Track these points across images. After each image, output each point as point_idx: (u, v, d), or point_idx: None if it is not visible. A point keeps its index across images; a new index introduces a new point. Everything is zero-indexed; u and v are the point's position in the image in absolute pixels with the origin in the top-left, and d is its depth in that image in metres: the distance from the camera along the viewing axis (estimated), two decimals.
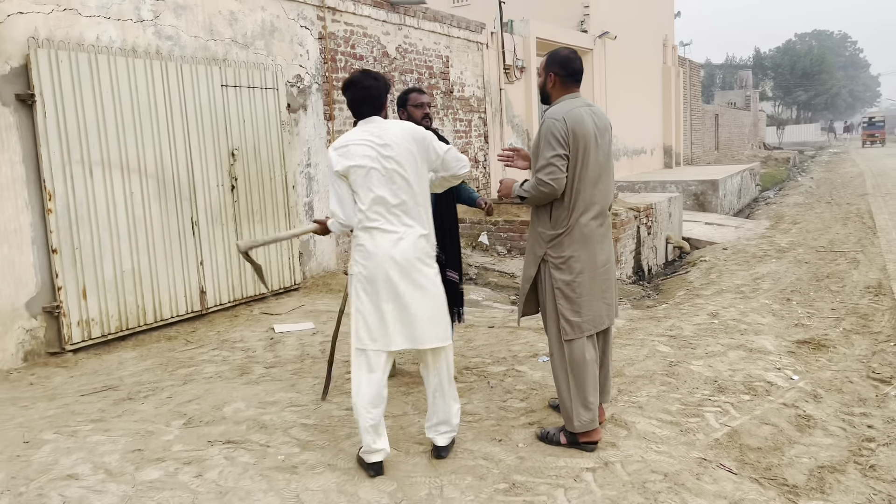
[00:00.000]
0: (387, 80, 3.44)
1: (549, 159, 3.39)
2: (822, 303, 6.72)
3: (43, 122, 5.14)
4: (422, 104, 4.35)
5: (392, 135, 3.27)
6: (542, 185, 3.42)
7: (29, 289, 5.17)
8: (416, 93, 4.40)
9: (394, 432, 3.77)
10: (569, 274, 3.47)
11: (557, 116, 3.42)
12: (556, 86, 3.57)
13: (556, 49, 3.67)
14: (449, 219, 4.44)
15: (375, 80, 3.37)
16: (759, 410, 4.04)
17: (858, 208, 13.90)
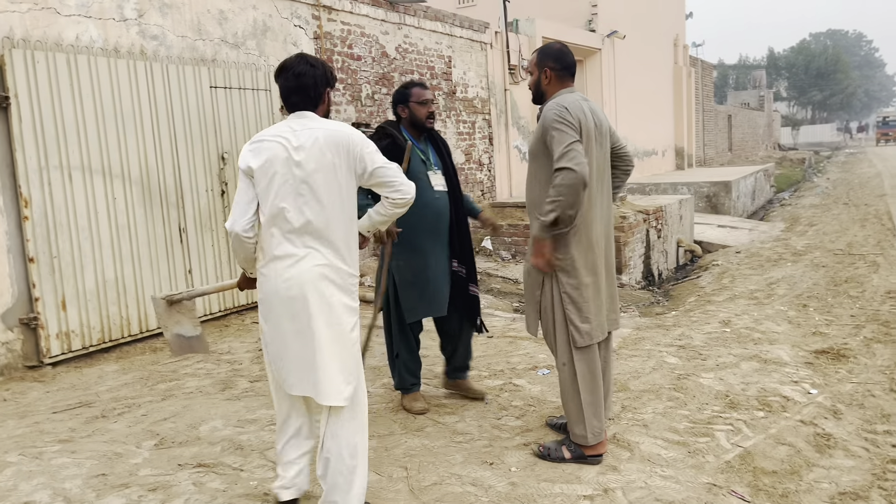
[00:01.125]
0: (328, 69, 2.82)
1: (568, 146, 3.08)
2: (841, 309, 6.38)
3: (18, 125, 4.92)
4: (426, 101, 3.89)
5: (310, 136, 2.65)
6: (567, 176, 3.03)
7: (4, 300, 4.95)
8: (419, 87, 3.90)
9: (377, 454, 3.50)
10: (575, 277, 3.25)
11: (559, 107, 3.17)
12: (552, 81, 3.35)
13: (544, 45, 3.45)
14: (463, 228, 4.04)
15: (311, 66, 2.76)
16: (775, 429, 3.73)
17: (877, 209, 13.49)
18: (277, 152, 2.66)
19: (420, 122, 3.89)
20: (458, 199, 4.00)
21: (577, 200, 3.10)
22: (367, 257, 8.48)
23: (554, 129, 3.13)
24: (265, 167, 2.66)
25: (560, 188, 3.08)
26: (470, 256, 4.04)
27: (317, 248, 2.67)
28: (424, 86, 3.94)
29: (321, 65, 2.80)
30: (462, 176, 10.37)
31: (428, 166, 3.90)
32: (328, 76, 2.81)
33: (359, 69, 8.36)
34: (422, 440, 3.66)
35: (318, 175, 2.64)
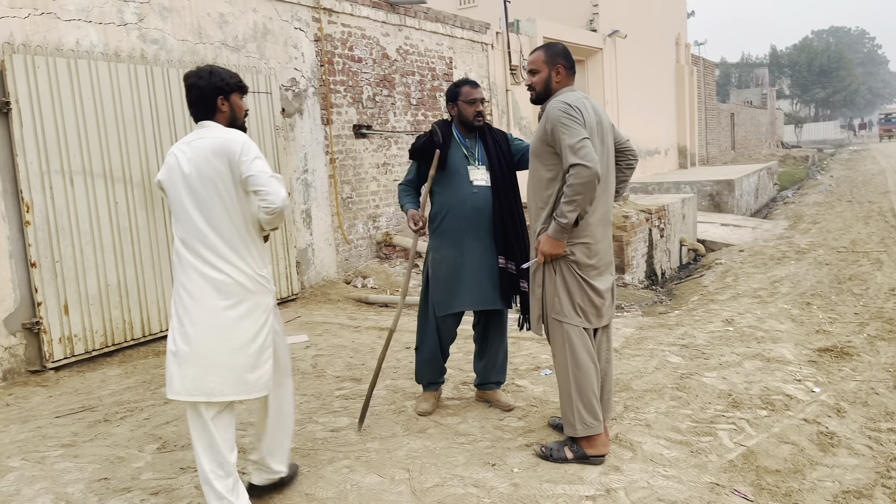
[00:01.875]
0: (223, 79, 2.89)
1: (579, 141, 3.06)
2: (845, 307, 6.36)
3: (19, 130, 4.93)
4: (475, 100, 3.85)
5: (198, 146, 2.75)
6: (580, 173, 3.02)
7: (7, 305, 4.96)
8: (469, 86, 3.86)
9: (379, 456, 3.50)
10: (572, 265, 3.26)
11: (563, 105, 3.16)
12: (563, 79, 3.34)
13: (550, 43, 3.44)
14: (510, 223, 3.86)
15: (199, 78, 2.87)
16: (778, 427, 3.71)
17: (881, 206, 13.44)
18: (171, 163, 2.81)
19: (468, 121, 3.87)
20: (506, 194, 3.85)
21: (593, 196, 3.15)
22: (369, 259, 8.49)
23: (562, 125, 3.11)
24: (163, 179, 2.84)
25: (575, 186, 3.07)
26: (520, 252, 3.86)
27: (215, 258, 2.78)
28: (475, 84, 3.90)
29: (209, 75, 2.88)
30: None
31: (470, 161, 3.88)
32: (219, 85, 2.88)
33: (360, 71, 8.36)
34: (424, 441, 3.66)
35: (201, 186, 2.75)
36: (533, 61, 3.41)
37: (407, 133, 9.19)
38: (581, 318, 3.28)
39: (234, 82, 2.95)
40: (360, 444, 3.67)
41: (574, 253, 3.25)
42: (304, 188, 7.52)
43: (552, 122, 3.16)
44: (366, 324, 6.34)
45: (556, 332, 3.33)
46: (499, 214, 3.83)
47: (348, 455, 3.54)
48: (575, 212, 3.12)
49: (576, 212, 3.12)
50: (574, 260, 3.25)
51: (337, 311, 6.83)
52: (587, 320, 3.29)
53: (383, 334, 5.97)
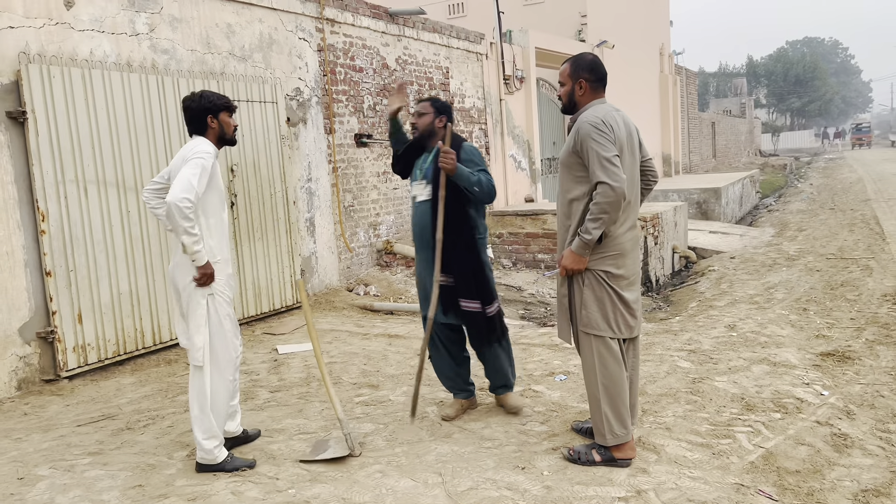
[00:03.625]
0: (211, 101, 3.53)
1: (608, 159, 3.16)
2: (840, 312, 6.54)
3: (35, 140, 4.94)
4: (413, 113, 4.18)
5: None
6: (607, 193, 3.12)
7: (22, 314, 4.96)
8: (417, 104, 4.15)
9: (409, 460, 3.57)
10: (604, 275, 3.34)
11: (595, 119, 3.25)
12: (587, 92, 3.41)
13: (579, 55, 3.51)
14: (450, 239, 3.85)
15: (192, 100, 3.53)
16: (793, 430, 3.84)
17: (863, 214, 13.75)
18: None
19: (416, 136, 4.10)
20: (449, 208, 3.81)
21: (618, 215, 3.24)
22: (370, 267, 8.55)
23: (592, 141, 3.20)
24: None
25: (602, 205, 3.17)
26: (462, 269, 3.88)
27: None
28: (420, 101, 4.12)
29: (199, 98, 3.53)
30: None
31: (415, 176, 4.08)
32: (208, 106, 3.52)
33: (361, 81, 8.44)
34: (451, 446, 3.73)
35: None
36: (561, 73, 3.50)
37: None
38: (613, 329, 3.36)
39: (221, 103, 3.58)
40: (389, 449, 3.74)
41: (604, 265, 3.33)
42: (308, 197, 7.57)
43: (582, 136, 3.25)
44: (374, 331, 6.40)
45: (585, 344, 3.41)
46: (434, 230, 3.82)
47: (378, 460, 3.61)
48: (599, 230, 3.22)
49: (600, 230, 3.22)
50: (604, 270, 3.33)
51: (343, 319, 6.88)
52: (619, 331, 3.38)
53: (393, 341, 6.05)
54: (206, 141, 3.53)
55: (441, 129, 4.01)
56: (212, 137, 3.57)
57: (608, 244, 3.32)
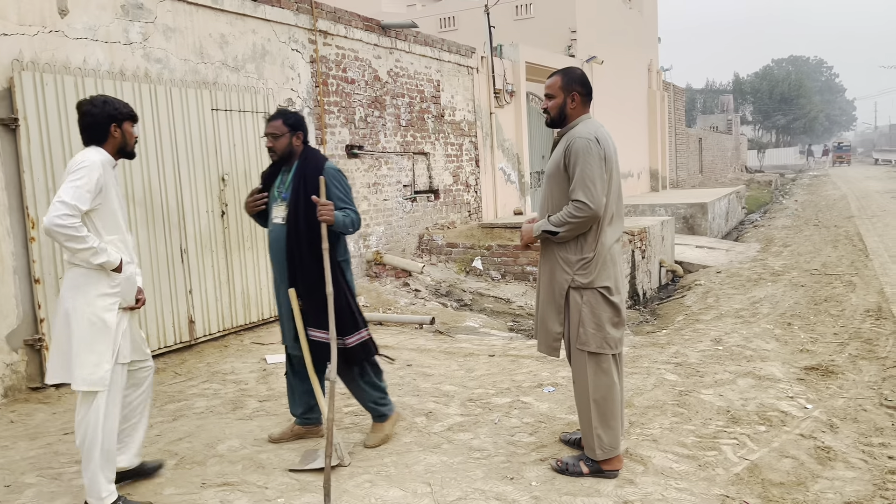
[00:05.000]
0: (116, 108, 3.20)
1: (592, 180, 3.25)
2: (824, 327, 6.62)
3: (27, 146, 4.94)
4: (266, 135, 3.84)
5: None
6: (584, 210, 3.24)
7: (10, 321, 4.94)
8: (267, 121, 3.86)
9: (398, 470, 3.59)
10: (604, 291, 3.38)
11: (590, 136, 3.31)
12: (578, 106, 3.45)
13: (568, 68, 3.56)
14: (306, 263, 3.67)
15: (93, 106, 3.18)
16: (777, 442, 3.89)
17: (847, 231, 13.93)
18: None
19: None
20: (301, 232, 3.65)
21: (585, 227, 3.33)
22: (359, 277, 8.56)
23: (582, 159, 3.26)
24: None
25: (576, 218, 3.28)
26: (314, 295, 3.66)
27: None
28: (269, 118, 3.85)
29: (103, 104, 3.19)
30: (450, 197, 10.53)
31: (274, 196, 3.84)
32: (112, 113, 3.18)
33: (352, 92, 8.49)
34: (440, 457, 3.75)
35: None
36: (550, 86, 3.49)
37: (397, 154, 9.33)
38: (609, 346, 3.40)
39: (126, 111, 3.26)
40: (378, 459, 3.75)
41: (602, 280, 3.37)
42: None
43: (575, 153, 3.30)
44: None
45: (579, 360, 3.44)
46: (296, 252, 3.68)
47: (368, 470, 3.62)
48: (563, 233, 3.33)
49: (563, 234, 3.33)
50: (605, 286, 3.38)
51: None
52: (614, 347, 3.42)
53: (382, 351, 6.05)
54: (99, 150, 3.15)
55: (300, 146, 3.81)
56: (110, 148, 3.20)
57: (601, 254, 3.37)
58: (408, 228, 9.59)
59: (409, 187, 9.63)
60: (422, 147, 9.93)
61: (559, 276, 3.43)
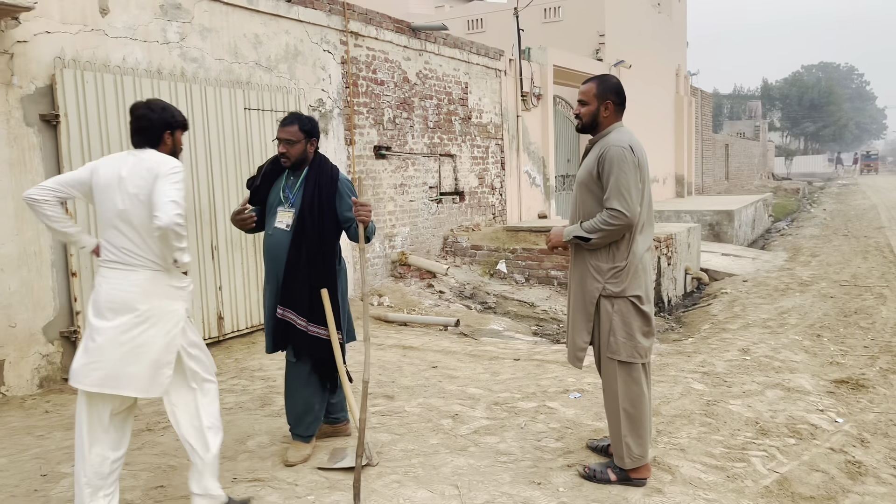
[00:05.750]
0: (170, 115, 3.13)
1: (628, 189, 3.27)
2: (854, 340, 6.54)
3: (67, 143, 5.05)
4: (279, 140, 3.70)
5: (133, 168, 3.03)
6: (619, 218, 3.25)
7: (47, 313, 5.05)
8: (280, 124, 3.73)
9: (426, 471, 3.61)
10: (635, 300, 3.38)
11: (625, 145, 3.31)
12: (611, 114, 3.45)
13: (604, 75, 3.57)
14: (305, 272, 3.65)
15: (150, 110, 3.10)
16: (807, 455, 3.86)
17: (877, 241, 13.73)
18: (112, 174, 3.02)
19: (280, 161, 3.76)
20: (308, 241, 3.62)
21: (618, 235, 3.33)
22: (384, 277, 8.61)
23: (617, 168, 3.27)
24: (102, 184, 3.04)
25: (610, 226, 3.28)
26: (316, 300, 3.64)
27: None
28: (285, 121, 3.70)
29: (161, 110, 3.12)
30: (475, 199, 10.55)
31: (279, 201, 3.73)
32: (169, 121, 3.13)
33: (382, 94, 8.54)
34: (467, 459, 3.77)
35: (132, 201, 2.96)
36: (584, 92, 3.49)
37: (424, 155, 9.38)
38: (639, 355, 3.40)
39: (181, 120, 3.22)
40: (405, 460, 3.78)
41: (633, 289, 3.37)
42: None
43: (610, 161, 3.30)
44: (388, 342, 6.45)
45: (609, 369, 3.44)
46: (292, 262, 3.63)
47: (395, 470, 3.65)
48: (595, 239, 3.32)
49: (596, 240, 3.32)
50: (635, 296, 3.38)
51: (358, 329, 6.91)
52: (644, 356, 3.42)
53: (408, 353, 6.10)
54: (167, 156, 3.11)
55: (312, 152, 3.75)
56: (164, 153, 3.13)
57: (633, 263, 3.37)
58: (433, 230, 9.62)
59: (434, 189, 9.66)
60: (448, 149, 9.96)
61: (590, 284, 3.43)
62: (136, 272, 2.98)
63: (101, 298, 2.98)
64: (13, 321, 4.88)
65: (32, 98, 4.97)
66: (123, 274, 2.98)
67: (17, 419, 4.53)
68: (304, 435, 3.83)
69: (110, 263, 3.01)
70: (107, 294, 2.98)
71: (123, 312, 2.94)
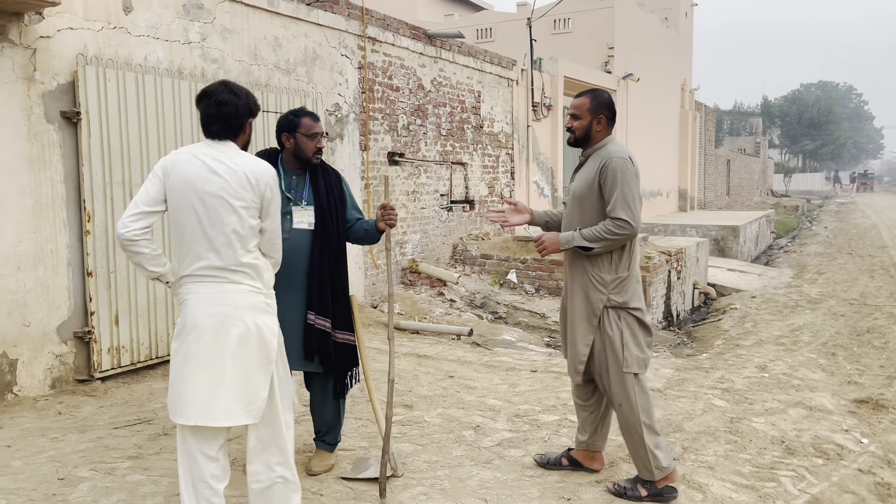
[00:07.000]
0: (252, 100, 2.84)
1: (633, 199, 3.31)
2: (869, 359, 6.51)
3: (87, 140, 4.99)
4: (316, 134, 3.47)
5: (228, 169, 2.73)
6: (625, 228, 3.27)
7: (61, 312, 4.97)
8: (311, 118, 3.48)
9: (452, 484, 3.55)
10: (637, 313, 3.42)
11: (626, 157, 3.36)
12: (604, 128, 3.49)
13: (596, 90, 3.59)
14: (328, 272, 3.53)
15: (235, 95, 2.78)
16: (836, 476, 3.81)
17: (882, 261, 13.74)
18: (193, 179, 2.70)
19: (305, 157, 3.49)
20: (329, 240, 3.49)
21: (620, 244, 3.36)
22: (395, 285, 8.55)
23: (621, 178, 3.29)
24: (182, 186, 2.71)
25: (615, 235, 3.30)
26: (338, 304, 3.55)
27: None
28: (316, 117, 3.54)
29: (245, 95, 2.83)
30: (485, 208, 10.51)
31: (295, 201, 3.49)
32: (251, 106, 2.84)
33: (397, 100, 8.51)
34: (493, 472, 3.71)
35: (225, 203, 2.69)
36: (577, 106, 3.49)
37: (436, 163, 9.34)
38: (646, 366, 3.44)
39: (258, 107, 2.94)
40: (430, 472, 3.72)
41: (634, 301, 3.41)
42: None
43: (613, 172, 3.30)
44: (402, 350, 6.39)
45: (625, 384, 3.39)
46: (318, 261, 3.45)
47: (421, 482, 3.59)
48: (598, 248, 3.33)
49: (598, 249, 3.33)
50: (637, 308, 3.41)
51: (370, 336, 6.87)
52: (648, 367, 3.46)
53: (423, 361, 6.04)
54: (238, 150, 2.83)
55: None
56: (239, 144, 2.85)
57: (634, 274, 3.45)
58: (443, 237, 9.58)
59: (445, 196, 9.62)
60: (460, 157, 9.92)
61: (594, 296, 3.41)
62: (234, 286, 2.78)
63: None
64: (27, 320, 4.80)
65: (54, 94, 4.91)
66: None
67: (29, 420, 4.45)
68: (333, 443, 3.76)
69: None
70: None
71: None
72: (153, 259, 2.82)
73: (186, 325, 2.70)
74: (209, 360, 2.67)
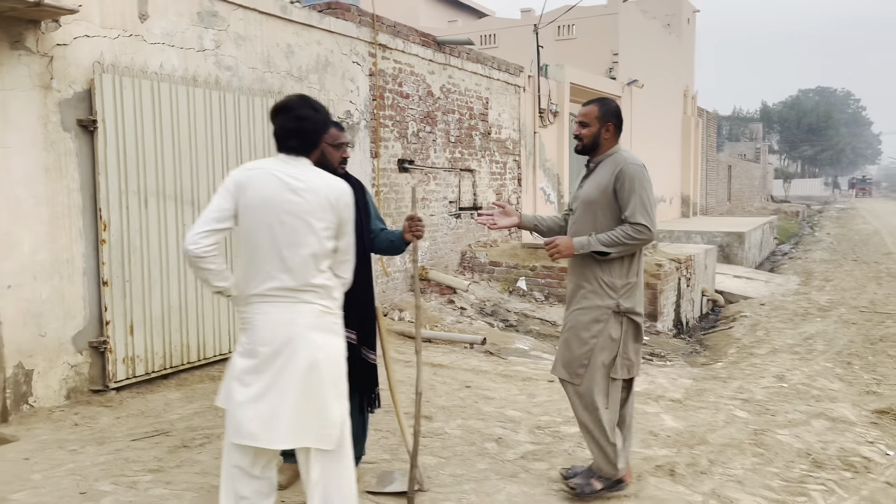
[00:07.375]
0: (328, 115, 2.78)
1: (651, 205, 3.37)
2: (885, 368, 6.48)
3: (103, 149, 4.95)
4: (341, 144, 3.42)
5: (309, 186, 2.64)
6: (644, 233, 3.33)
7: (76, 322, 4.92)
8: (336, 128, 3.41)
9: (479, 499, 3.50)
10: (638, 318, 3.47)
11: (639, 163, 3.41)
12: (612, 136, 3.51)
13: (605, 99, 3.59)
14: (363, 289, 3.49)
15: (315, 111, 2.68)
16: (866, 490, 3.77)
17: (888, 268, 13.73)
18: (272, 198, 2.60)
19: (331, 167, 3.35)
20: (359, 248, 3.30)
21: (636, 249, 3.41)
22: (404, 291, 8.51)
23: (638, 184, 3.32)
24: (258, 204, 2.62)
25: (634, 240, 3.32)
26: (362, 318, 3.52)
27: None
28: (341, 126, 3.51)
29: (323, 110, 2.75)
30: None
31: None
32: (328, 122, 2.80)
33: (407, 107, 8.48)
34: (520, 486, 3.67)
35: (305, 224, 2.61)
36: (585, 114, 3.50)
37: (445, 170, 9.31)
38: (629, 372, 3.48)
39: (332, 123, 2.85)
40: (457, 486, 3.67)
41: (638, 306, 3.47)
42: None
43: (630, 178, 3.32)
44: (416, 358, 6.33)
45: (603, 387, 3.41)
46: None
47: (448, 497, 3.54)
48: (614, 252, 3.34)
49: (614, 253, 3.34)
50: (637, 313, 3.46)
51: None
52: (634, 372, 3.51)
53: (438, 371, 5.99)
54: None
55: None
56: (313, 160, 2.76)
57: (641, 279, 3.52)
58: (451, 244, 9.54)
59: (454, 203, 9.59)
60: (468, 164, 9.89)
61: (603, 300, 3.40)
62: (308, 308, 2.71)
63: None
64: (43, 330, 4.75)
65: (70, 102, 4.87)
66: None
67: (46, 432, 4.39)
68: (357, 457, 3.71)
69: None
70: None
71: None
72: (220, 274, 2.70)
73: (255, 345, 2.62)
74: (276, 382, 2.58)
